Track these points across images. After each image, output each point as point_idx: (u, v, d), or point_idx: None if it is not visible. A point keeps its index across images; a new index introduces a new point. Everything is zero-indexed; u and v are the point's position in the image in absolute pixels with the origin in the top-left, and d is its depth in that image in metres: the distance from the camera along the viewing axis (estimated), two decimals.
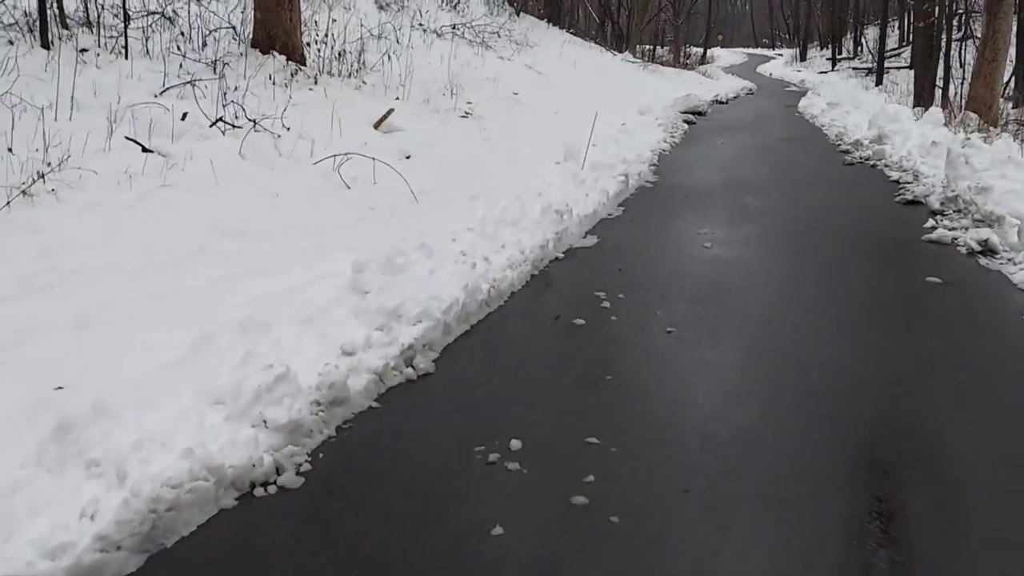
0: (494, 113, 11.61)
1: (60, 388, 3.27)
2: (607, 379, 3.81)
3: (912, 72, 19.86)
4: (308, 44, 11.08)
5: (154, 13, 9.55)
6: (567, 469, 2.99)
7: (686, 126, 14.04)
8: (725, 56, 45.96)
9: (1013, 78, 17.45)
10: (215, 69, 8.67)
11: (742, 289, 5.11)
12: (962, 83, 16.38)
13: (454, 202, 6.73)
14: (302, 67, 10.28)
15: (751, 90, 24.81)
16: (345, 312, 4.13)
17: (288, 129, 8.00)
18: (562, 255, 5.78)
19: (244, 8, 10.61)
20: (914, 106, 16.54)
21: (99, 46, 8.30)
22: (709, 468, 3.02)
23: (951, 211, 7.04)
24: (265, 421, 3.09)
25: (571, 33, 25.86)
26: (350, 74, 11.14)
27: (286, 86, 9.73)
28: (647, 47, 34.40)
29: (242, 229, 5.56)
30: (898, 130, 10.93)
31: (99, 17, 8.70)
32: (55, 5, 8.34)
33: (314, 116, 8.48)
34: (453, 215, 6.21)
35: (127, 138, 6.59)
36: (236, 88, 8.39)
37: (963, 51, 22.21)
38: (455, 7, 20.09)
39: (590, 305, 4.76)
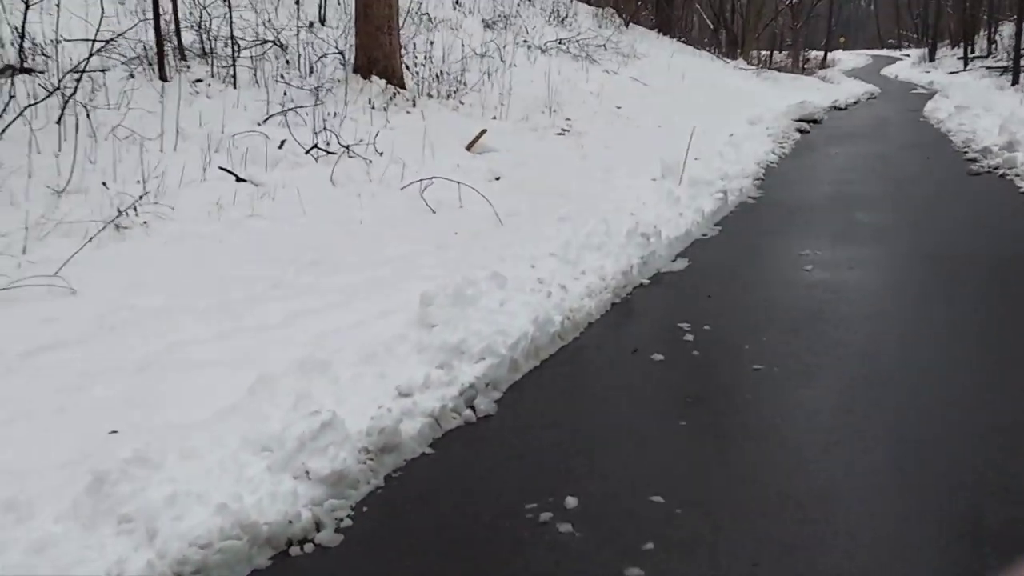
0: (594, 129, 11.37)
1: (114, 432, 3.25)
2: (680, 425, 3.51)
3: None
4: (407, 67, 11.16)
5: (268, 42, 9.82)
6: (624, 533, 2.73)
7: (798, 135, 13.40)
8: (847, 59, 44.06)
9: None
10: (317, 96, 8.80)
11: (842, 319, 4.69)
12: None
13: (541, 224, 6.54)
14: (401, 90, 10.34)
15: (873, 94, 23.60)
16: (408, 349, 3.99)
17: (381, 154, 8.01)
18: (648, 281, 5.49)
19: (349, 33, 10.80)
20: None
21: (211, 76, 8.58)
22: (785, 536, 2.69)
23: None
24: (308, 472, 2.96)
25: (682, 42, 25.30)
26: (448, 95, 11.14)
27: (384, 110, 9.82)
28: (764, 53, 33.38)
29: (322, 260, 5.53)
30: None
31: (212, 48, 9.00)
32: (175, 38, 8.71)
33: (409, 139, 8.48)
34: (538, 238, 6.02)
35: (221, 168, 6.71)
36: (335, 114, 8.49)
37: None
38: (562, 22, 19.97)
39: (672, 338, 4.46)
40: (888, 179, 9.21)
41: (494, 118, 10.65)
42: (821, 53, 38.89)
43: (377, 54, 10.42)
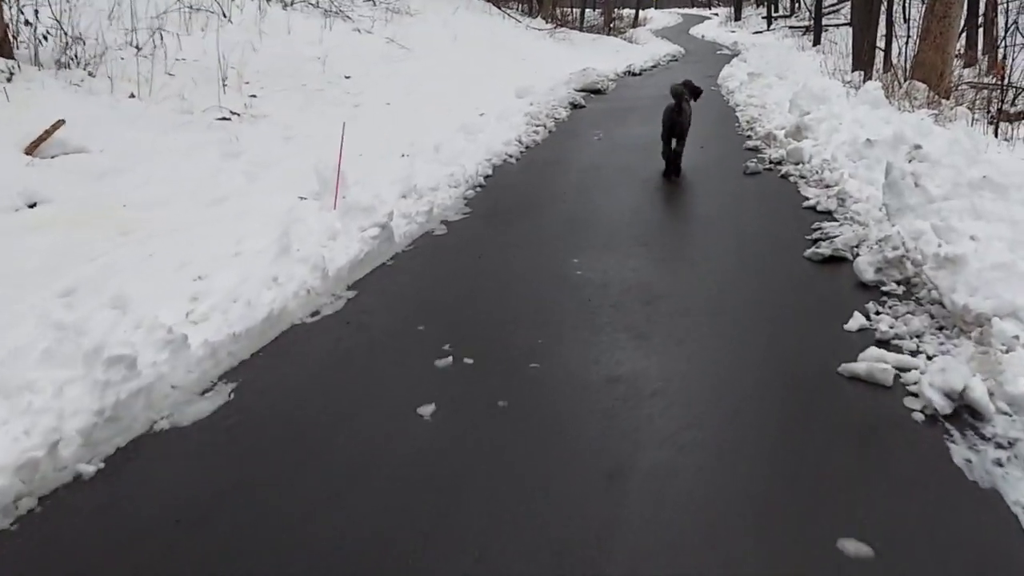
0: (284, 110, 8.52)
1: None
2: None
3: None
4: (9, 24, 7.96)
5: None
6: None
7: (566, 113, 11.02)
8: (659, 18, 42.86)
9: (963, 34, 14.43)
10: None
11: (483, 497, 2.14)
12: (907, 42, 13.46)
13: (8, 315, 3.70)
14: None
15: (675, 56, 21.86)
16: None
17: None
18: (97, 467, 2.74)
19: None
20: (852, 70, 13.73)
21: None
22: None
23: (892, 284, 4.16)
24: None
25: None
26: (77, 64, 8.00)
27: None
28: (575, 11, 31.19)
29: None
30: (824, 116, 8.06)
31: None
32: None
33: None
34: None
35: None
36: None
37: (909, 5, 19.39)
38: None
39: None
40: (640, 185, 6.78)
41: (132, 96, 7.63)
42: (633, 11, 37.27)
43: None
